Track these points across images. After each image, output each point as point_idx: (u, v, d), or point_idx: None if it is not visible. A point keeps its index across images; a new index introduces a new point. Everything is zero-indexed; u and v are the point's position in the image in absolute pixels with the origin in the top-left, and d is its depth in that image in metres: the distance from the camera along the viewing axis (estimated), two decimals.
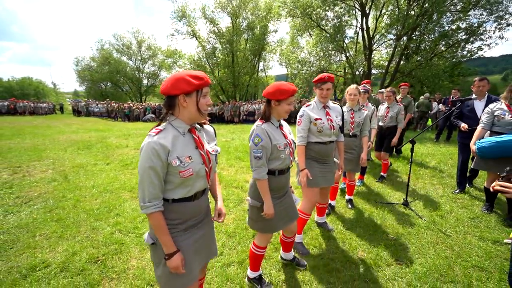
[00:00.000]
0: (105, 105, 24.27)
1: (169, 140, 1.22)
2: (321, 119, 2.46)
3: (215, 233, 1.62)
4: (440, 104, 10.72)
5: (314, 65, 19.64)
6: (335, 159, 2.74)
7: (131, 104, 23.19)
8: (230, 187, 4.53)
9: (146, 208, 1.21)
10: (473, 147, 3.26)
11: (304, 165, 2.43)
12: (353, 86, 3.23)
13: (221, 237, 2.94)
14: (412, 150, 3.60)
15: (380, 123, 4.83)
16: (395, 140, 4.64)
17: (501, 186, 1.29)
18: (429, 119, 11.95)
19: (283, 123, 2.02)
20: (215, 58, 25.63)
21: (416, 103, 11.49)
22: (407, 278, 2.24)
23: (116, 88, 36.10)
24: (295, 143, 2.03)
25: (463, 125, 3.75)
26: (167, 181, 1.25)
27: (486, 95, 3.76)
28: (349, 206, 3.70)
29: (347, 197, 3.79)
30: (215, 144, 1.51)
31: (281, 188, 1.97)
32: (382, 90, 6.06)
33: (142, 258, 2.57)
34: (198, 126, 1.40)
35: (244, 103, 17.73)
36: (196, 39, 25.09)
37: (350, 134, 3.36)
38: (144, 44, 34.01)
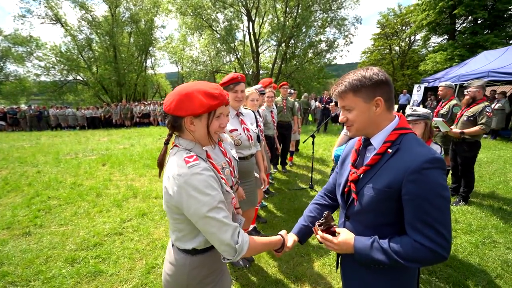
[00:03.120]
0: None
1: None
2: (237, 130, 2.15)
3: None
4: (317, 102, 13.26)
5: (208, 64, 19.93)
6: (255, 174, 2.48)
7: None
8: (149, 198, 4.17)
9: (240, 248, 0.97)
10: (332, 155, 2.78)
11: None
12: (252, 89, 2.79)
13: (159, 253, 2.75)
14: (313, 142, 4.44)
15: (270, 133, 4.06)
16: (279, 146, 4.36)
17: (322, 238, 1.08)
18: (310, 115, 14.55)
19: (225, 136, 1.81)
20: (91, 52, 21.68)
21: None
22: None
23: None
24: (236, 160, 1.80)
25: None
26: None
27: None
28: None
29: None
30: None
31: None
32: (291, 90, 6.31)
33: None
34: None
35: (136, 104, 15.97)
36: (62, 26, 20.40)
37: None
38: None
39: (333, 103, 3.53)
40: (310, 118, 14.28)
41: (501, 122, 8.66)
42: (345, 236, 1.03)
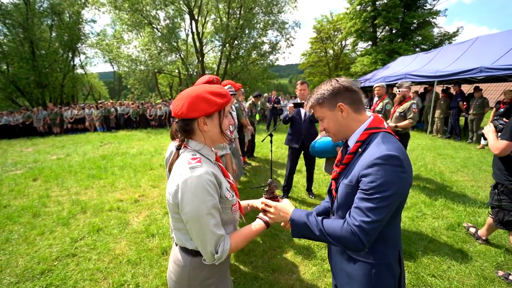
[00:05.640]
0: None
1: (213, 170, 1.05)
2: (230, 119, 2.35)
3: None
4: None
5: (149, 64, 18.67)
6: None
7: None
8: (102, 212, 3.77)
9: (219, 257, 1.00)
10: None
11: None
12: None
13: (127, 269, 2.55)
14: (271, 141, 4.63)
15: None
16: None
17: (264, 203, 1.17)
18: (257, 114, 14.95)
19: None
20: None
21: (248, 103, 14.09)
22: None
23: None
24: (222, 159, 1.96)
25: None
26: None
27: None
28: None
29: None
30: None
31: None
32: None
33: None
34: None
35: (67, 108, 13.99)
36: None
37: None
38: None
39: (291, 105, 3.73)
40: (257, 117, 14.68)
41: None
42: (286, 204, 1.13)
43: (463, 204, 3.70)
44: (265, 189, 1.19)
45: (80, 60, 24.83)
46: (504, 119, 2.36)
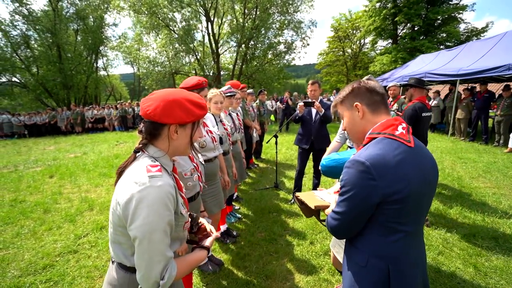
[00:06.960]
0: None
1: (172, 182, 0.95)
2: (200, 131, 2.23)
3: None
4: (278, 102, 13.59)
5: (166, 65, 19.15)
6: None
7: None
8: (107, 210, 3.84)
9: (165, 283, 0.87)
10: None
11: None
12: (216, 91, 2.58)
13: None
14: (276, 142, 4.55)
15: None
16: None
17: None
18: (272, 115, 14.84)
19: None
20: (29, 50, 19.32)
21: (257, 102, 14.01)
22: (296, 239, 2.96)
23: None
24: (202, 164, 1.83)
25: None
26: None
27: (319, 99, 3.61)
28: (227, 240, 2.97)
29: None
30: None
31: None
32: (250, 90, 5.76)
33: None
34: None
35: (88, 108, 14.66)
36: None
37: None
38: None
39: (301, 103, 3.61)
40: (272, 118, 14.57)
41: (437, 117, 9.86)
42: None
43: (481, 214, 3.41)
44: (193, 227, 1.13)
45: (102, 62, 26.00)
46: None
